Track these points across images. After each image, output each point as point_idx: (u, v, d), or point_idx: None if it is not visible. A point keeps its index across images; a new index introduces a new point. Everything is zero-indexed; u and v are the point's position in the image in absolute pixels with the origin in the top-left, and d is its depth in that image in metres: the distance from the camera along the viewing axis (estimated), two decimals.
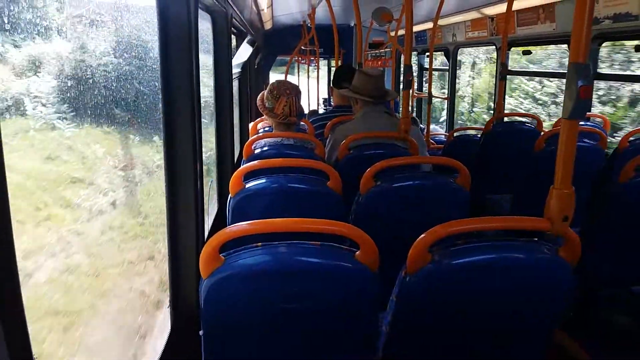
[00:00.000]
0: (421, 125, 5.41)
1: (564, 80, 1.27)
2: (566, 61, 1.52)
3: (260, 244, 1.24)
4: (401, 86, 2.57)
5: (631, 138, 2.80)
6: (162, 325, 1.70)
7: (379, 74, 2.66)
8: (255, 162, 2.01)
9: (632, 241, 2.03)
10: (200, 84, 1.75)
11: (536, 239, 1.34)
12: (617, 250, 2.05)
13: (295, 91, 2.56)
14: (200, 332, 1.27)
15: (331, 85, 3.60)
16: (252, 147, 2.44)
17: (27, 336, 0.78)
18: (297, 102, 2.55)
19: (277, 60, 8.80)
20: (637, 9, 2.88)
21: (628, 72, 6.32)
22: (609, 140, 3.28)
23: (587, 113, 3.89)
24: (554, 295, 1.33)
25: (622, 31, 3.14)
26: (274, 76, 8.60)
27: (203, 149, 1.84)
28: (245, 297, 1.23)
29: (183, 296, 1.63)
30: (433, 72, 5.32)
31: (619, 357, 1.97)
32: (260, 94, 2.64)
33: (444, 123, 6.84)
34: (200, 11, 2.41)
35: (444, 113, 7.74)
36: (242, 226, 1.25)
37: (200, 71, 1.75)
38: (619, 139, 2.85)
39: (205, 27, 2.74)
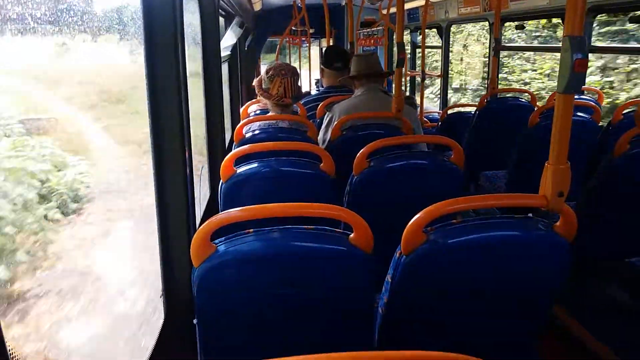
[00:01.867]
0: None
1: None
2: None
3: (252, 230, 1.22)
4: (394, 64, 2.55)
5: (625, 111, 2.78)
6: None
7: (370, 54, 2.82)
8: (246, 146, 1.97)
9: (627, 214, 2.03)
10: (188, 67, 1.70)
11: (531, 215, 1.32)
12: (613, 223, 2.05)
13: (290, 72, 2.54)
14: (195, 321, 1.26)
15: (321, 66, 3.55)
16: (244, 130, 2.41)
17: (2, 340, 0.77)
18: (293, 84, 2.53)
19: (267, 45, 8.66)
20: None
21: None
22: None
23: (582, 86, 3.87)
24: (551, 271, 1.32)
25: (617, 3, 3.10)
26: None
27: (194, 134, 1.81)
28: (238, 284, 1.21)
29: (176, 285, 1.61)
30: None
31: (614, 329, 1.98)
32: (259, 77, 2.63)
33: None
34: None
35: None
36: (232, 213, 1.23)
37: (188, 55, 1.71)
38: None
39: (192, 9, 2.67)
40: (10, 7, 1.23)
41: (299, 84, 2.66)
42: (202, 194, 2.86)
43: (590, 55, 4.13)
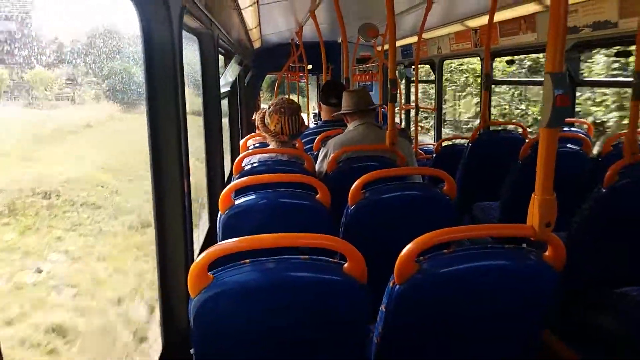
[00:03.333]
0: None
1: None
2: None
3: (248, 260, 1.25)
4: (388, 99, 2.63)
5: (614, 142, 2.85)
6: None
7: (361, 89, 2.95)
8: (244, 178, 2.02)
9: (616, 244, 2.06)
10: (189, 103, 1.77)
11: (524, 244, 1.36)
12: (602, 253, 2.08)
13: (290, 111, 2.53)
14: (192, 351, 1.27)
15: (319, 100, 3.65)
16: (243, 163, 2.46)
17: None
18: (291, 122, 2.53)
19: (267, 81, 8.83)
20: (616, 16, 2.96)
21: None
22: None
23: (572, 119, 3.97)
24: (540, 299, 1.35)
25: (602, 39, 3.22)
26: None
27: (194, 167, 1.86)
28: (234, 314, 1.23)
29: (174, 315, 1.63)
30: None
31: (604, 356, 1.98)
32: (262, 111, 2.67)
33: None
34: (186, 33, 2.45)
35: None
36: (228, 244, 1.26)
37: (189, 90, 1.77)
38: None
39: (192, 48, 2.78)
40: None
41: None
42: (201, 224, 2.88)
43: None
